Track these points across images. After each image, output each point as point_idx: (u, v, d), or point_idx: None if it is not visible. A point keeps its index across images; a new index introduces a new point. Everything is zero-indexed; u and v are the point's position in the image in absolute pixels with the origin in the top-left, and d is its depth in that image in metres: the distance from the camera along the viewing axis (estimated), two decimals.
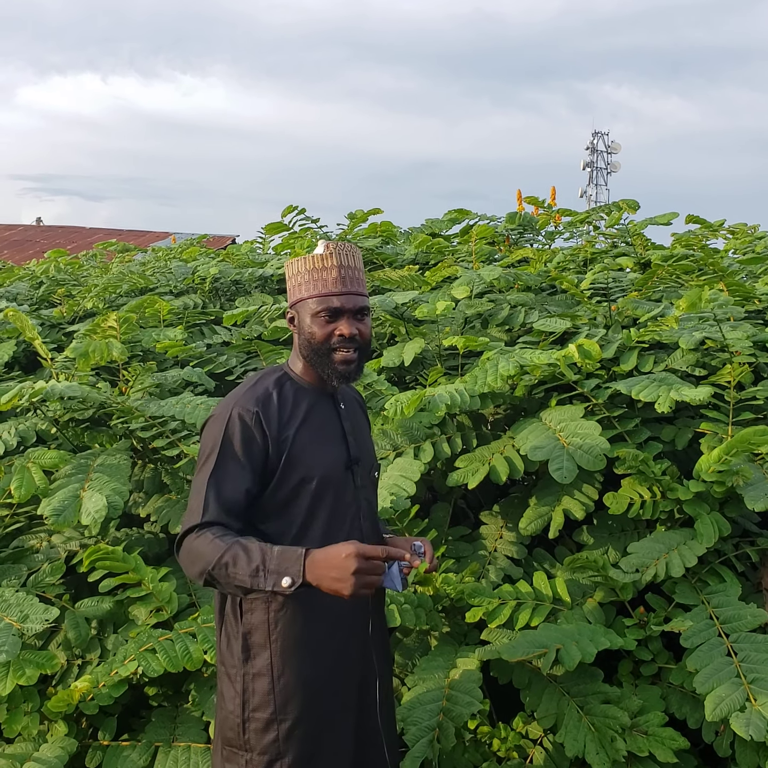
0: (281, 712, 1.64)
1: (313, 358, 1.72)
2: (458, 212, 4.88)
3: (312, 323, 1.70)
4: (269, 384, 1.72)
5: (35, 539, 2.72)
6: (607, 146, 30.93)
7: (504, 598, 2.36)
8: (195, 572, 1.55)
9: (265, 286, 4.19)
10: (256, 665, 1.65)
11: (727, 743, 2.12)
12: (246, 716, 1.65)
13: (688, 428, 2.69)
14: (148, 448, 2.92)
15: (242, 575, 1.48)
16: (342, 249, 1.72)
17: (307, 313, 1.71)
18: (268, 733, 1.64)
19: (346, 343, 1.69)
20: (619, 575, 2.33)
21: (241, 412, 1.65)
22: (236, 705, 1.66)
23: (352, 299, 1.70)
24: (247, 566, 1.48)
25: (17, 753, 2.13)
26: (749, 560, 2.51)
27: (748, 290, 3.16)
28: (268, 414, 1.66)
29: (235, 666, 1.67)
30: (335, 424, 1.78)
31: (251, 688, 1.65)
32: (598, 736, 2.09)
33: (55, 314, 4.00)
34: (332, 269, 1.70)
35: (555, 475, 2.38)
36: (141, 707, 2.39)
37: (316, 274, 1.70)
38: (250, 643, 1.66)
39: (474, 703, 2.15)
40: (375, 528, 1.86)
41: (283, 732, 1.64)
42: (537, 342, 3.10)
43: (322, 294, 1.69)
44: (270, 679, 1.64)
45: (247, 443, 1.64)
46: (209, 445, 1.66)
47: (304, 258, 1.72)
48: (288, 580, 1.45)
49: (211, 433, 1.67)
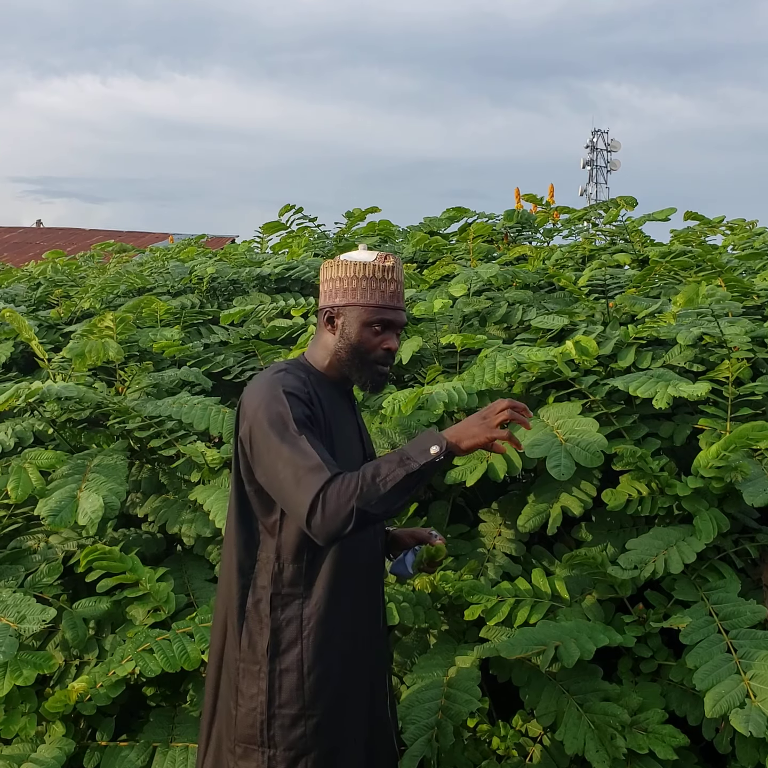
0: (310, 707, 1.64)
1: (354, 362, 1.72)
2: (456, 210, 4.88)
3: (362, 331, 1.71)
4: (299, 372, 1.71)
5: (32, 540, 2.71)
6: (607, 144, 30.93)
7: (503, 596, 2.35)
8: (345, 514, 1.48)
9: (262, 286, 4.18)
10: (284, 661, 1.64)
11: (727, 740, 2.12)
12: (272, 713, 1.64)
13: (687, 424, 2.69)
14: (145, 448, 2.92)
15: (392, 472, 1.49)
16: (399, 264, 1.75)
17: (358, 320, 1.71)
18: (296, 728, 1.63)
19: (389, 357, 1.74)
20: (617, 572, 2.32)
21: (292, 391, 1.63)
22: (260, 702, 1.64)
23: (401, 315, 1.75)
24: (390, 464, 1.51)
25: (15, 754, 2.12)
26: (749, 556, 2.50)
27: (746, 286, 3.16)
28: (312, 397, 1.67)
29: (258, 662, 1.65)
30: (353, 420, 1.83)
31: (278, 684, 1.64)
32: (597, 733, 2.08)
33: (53, 315, 3.99)
34: (392, 282, 1.72)
35: (553, 473, 2.38)
36: (139, 707, 2.39)
37: (375, 284, 1.71)
38: (280, 638, 1.65)
39: (473, 702, 2.15)
40: (383, 524, 1.89)
41: (311, 727, 1.64)
42: (535, 339, 3.09)
43: (380, 305, 1.71)
44: (299, 675, 1.64)
45: (309, 418, 1.62)
46: (278, 421, 1.59)
47: (362, 264, 1.71)
48: (436, 448, 1.51)
49: (275, 411, 1.60)
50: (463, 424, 1.57)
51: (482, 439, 1.54)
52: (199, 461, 2.70)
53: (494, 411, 1.56)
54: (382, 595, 1.86)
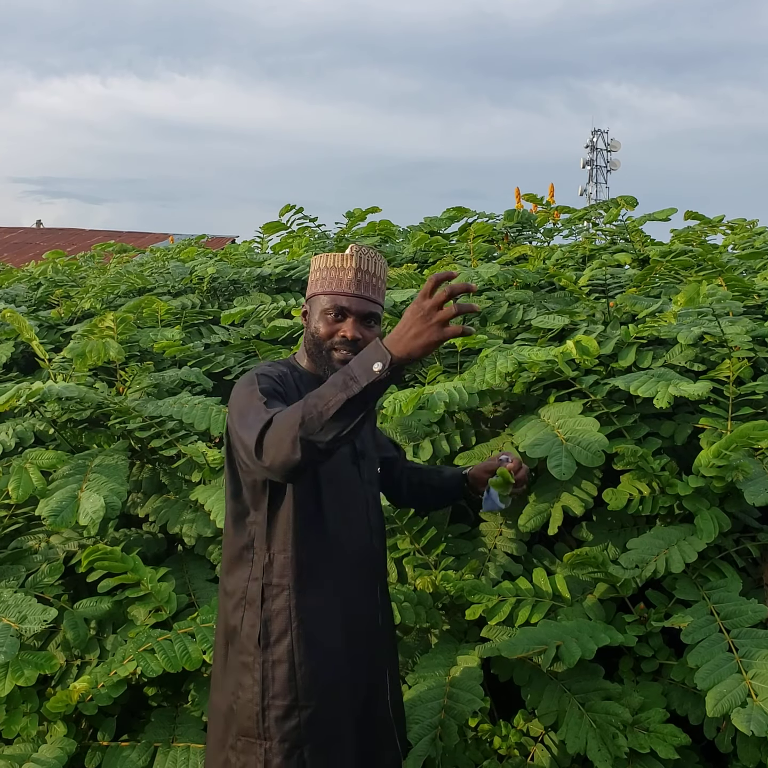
0: (303, 698, 1.64)
1: (314, 353, 1.75)
2: (457, 210, 4.88)
3: (319, 319, 1.73)
4: (281, 368, 1.75)
5: (34, 540, 2.71)
6: (607, 144, 30.94)
7: (504, 595, 2.35)
8: (288, 442, 1.45)
9: (263, 286, 4.18)
10: (276, 652, 1.65)
11: (729, 739, 2.11)
12: (266, 704, 1.64)
13: (688, 424, 2.68)
14: (146, 448, 2.92)
15: (334, 397, 1.41)
16: (365, 253, 1.74)
17: (317, 309, 1.74)
18: (289, 720, 1.63)
19: (346, 345, 1.70)
20: (618, 571, 2.32)
21: (266, 373, 1.68)
22: (255, 693, 1.65)
23: (362, 303, 1.72)
24: (333, 387, 1.42)
25: (16, 754, 2.12)
26: (750, 556, 2.50)
27: (747, 285, 3.15)
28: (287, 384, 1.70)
29: (252, 653, 1.66)
30: None
31: (271, 675, 1.65)
32: (599, 732, 2.08)
33: (53, 315, 3.99)
34: (349, 270, 1.71)
35: (554, 472, 2.38)
36: (140, 708, 2.39)
37: (334, 273, 1.72)
38: (270, 630, 1.66)
39: (475, 701, 2.15)
40: (381, 520, 1.88)
41: (304, 719, 1.64)
42: (535, 339, 3.09)
43: (334, 292, 1.71)
44: (290, 666, 1.64)
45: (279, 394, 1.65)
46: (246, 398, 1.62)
47: (327, 255, 1.75)
48: (378, 365, 1.39)
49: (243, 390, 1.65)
50: (403, 328, 1.39)
51: (431, 344, 1.38)
52: (199, 461, 2.70)
53: (430, 303, 1.36)
54: (382, 595, 1.85)
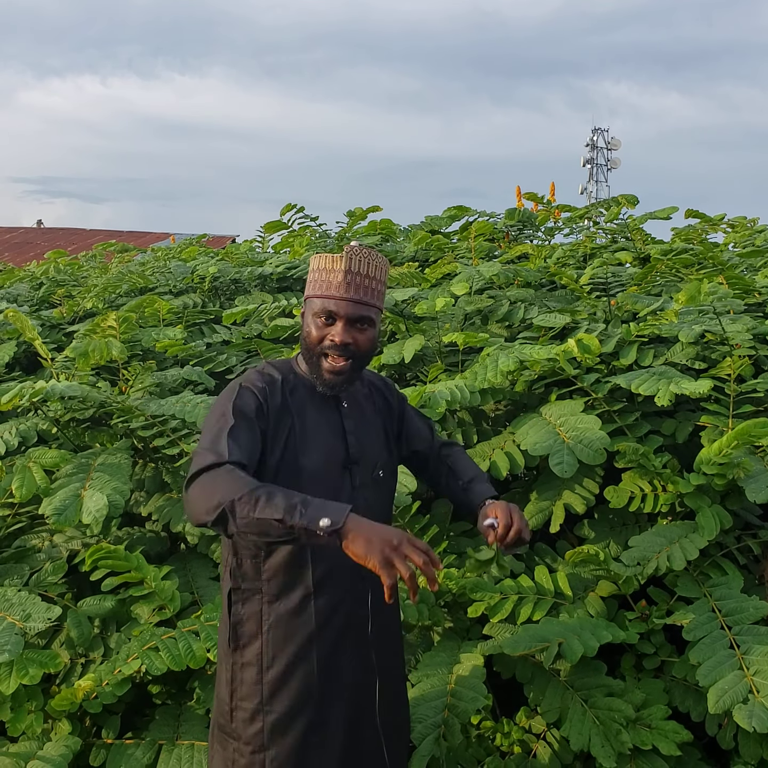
0: (267, 703, 1.63)
1: (306, 356, 1.72)
2: (458, 209, 4.89)
3: (310, 322, 1.69)
4: (274, 371, 1.73)
5: (37, 539, 2.72)
6: (607, 143, 30.91)
7: (506, 593, 2.35)
8: (212, 503, 1.43)
9: (264, 285, 4.19)
10: (245, 655, 1.65)
11: (731, 735, 2.12)
12: (234, 704, 1.65)
13: (689, 421, 2.69)
14: (148, 447, 2.92)
15: (275, 509, 1.38)
16: (356, 254, 1.67)
17: (309, 312, 1.70)
18: (254, 723, 1.63)
19: (336, 350, 1.66)
20: (620, 569, 2.33)
21: (249, 385, 1.66)
22: (226, 693, 1.67)
23: (352, 307, 1.66)
24: (284, 501, 1.38)
25: (21, 752, 2.13)
26: (751, 553, 2.51)
27: (747, 283, 3.16)
28: (272, 393, 1.66)
29: (226, 654, 1.68)
30: (334, 423, 1.74)
31: (239, 677, 1.65)
32: (603, 729, 2.08)
33: (55, 315, 4.00)
34: (339, 272, 1.66)
35: (556, 470, 2.38)
36: (144, 705, 2.39)
37: (324, 275, 1.68)
38: (240, 633, 1.66)
39: (479, 699, 2.15)
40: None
41: (269, 724, 1.63)
42: (537, 337, 3.10)
43: (324, 296, 1.67)
44: (258, 670, 1.64)
45: (257, 411, 1.62)
46: (219, 411, 1.62)
47: (322, 256, 1.71)
48: (326, 521, 1.35)
49: (221, 401, 1.65)
50: (374, 533, 1.36)
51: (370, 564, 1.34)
52: None
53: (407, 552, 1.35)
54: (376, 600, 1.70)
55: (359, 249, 1.68)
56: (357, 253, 1.67)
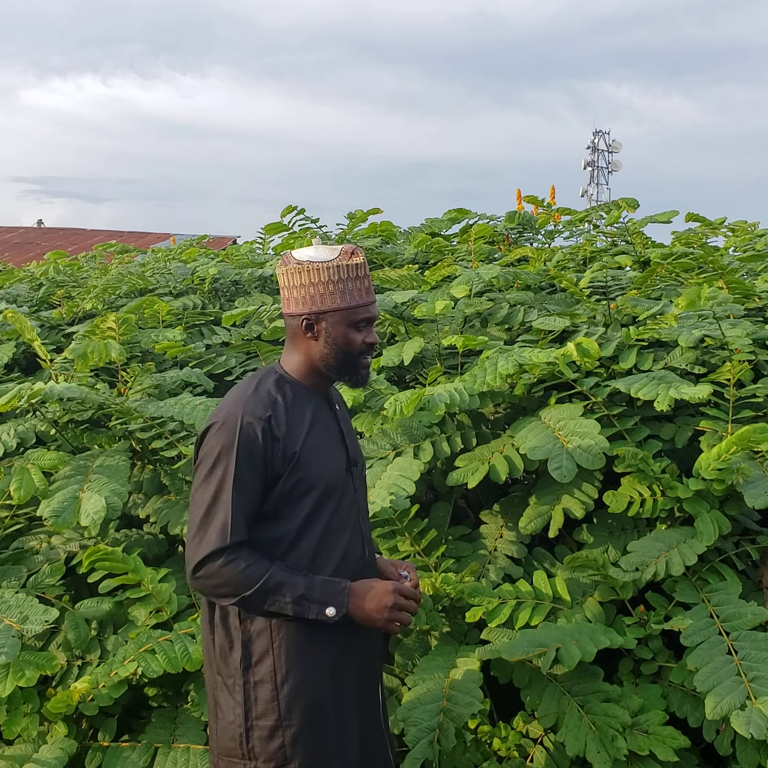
0: (286, 718, 1.63)
1: (344, 364, 1.72)
2: (458, 212, 4.88)
3: (348, 332, 1.70)
4: (270, 387, 1.69)
5: (35, 540, 2.72)
6: (608, 145, 30.90)
7: (504, 598, 2.35)
8: (221, 593, 1.60)
9: (264, 286, 4.18)
10: (258, 672, 1.64)
11: (728, 741, 2.11)
12: (249, 725, 1.64)
13: (688, 426, 2.69)
14: (147, 449, 2.92)
15: (284, 604, 1.59)
16: (363, 254, 1.72)
17: (342, 323, 1.69)
18: (274, 740, 1.63)
19: (372, 349, 1.76)
20: (619, 574, 2.32)
21: (252, 420, 1.61)
22: (237, 715, 1.65)
23: (375, 308, 1.77)
24: (291, 595, 1.59)
25: (17, 754, 2.13)
26: (750, 558, 2.50)
27: (747, 288, 3.16)
28: (278, 418, 1.64)
29: (232, 676, 1.66)
30: (335, 427, 1.78)
31: (253, 696, 1.64)
32: (598, 735, 2.08)
33: (55, 316, 3.99)
34: (365, 279, 1.71)
35: (555, 474, 2.38)
36: (141, 708, 2.39)
37: (351, 284, 1.68)
38: (251, 650, 1.65)
39: (474, 703, 2.15)
40: (369, 528, 1.87)
41: (289, 738, 1.63)
42: (536, 341, 3.10)
43: (360, 304, 1.70)
44: (273, 686, 1.64)
45: (264, 453, 1.61)
46: (219, 453, 1.60)
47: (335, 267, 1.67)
48: (332, 610, 1.60)
49: (221, 441, 1.61)
50: (372, 603, 1.64)
51: (375, 627, 1.67)
52: None
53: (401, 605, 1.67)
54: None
55: (361, 250, 1.73)
56: (362, 254, 1.72)
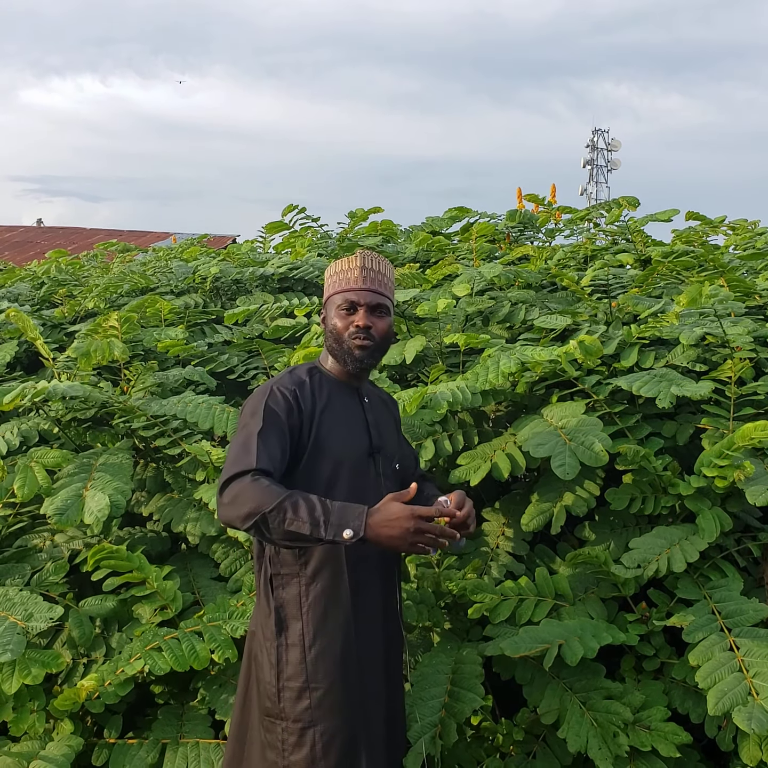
0: (312, 680, 1.74)
1: (335, 348, 1.89)
2: (459, 210, 4.89)
3: (335, 316, 1.88)
4: (302, 373, 1.89)
5: (38, 538, 2.73)
6: (608, 144, 30.89)
7: (506, 595, 2.36)
8: (243, 513, 1.60)
9: (266, 285, 4.19)
10: (289, 636, 1.76)
11: (730, 737, 2.12)
12: (281, 685, 1.75)
13: (689, 424, 2.70)
14: (150, 447, 2.93)
15: (301, 522, 1.56)
16: (368, 255, 1.92)
17: (332, 308, 1.90)
18: (302, 701, 1.74)
19: (361, 332, 1.85)
20: (620, 571, 2.33)
21: (280, 387, 1.82)
22: (272, 675, 1.76)
23: (369, 295, 1.87)
24: (309, 515, 1.57)
25: (24, 751, 2.13)
26: (751, 555, 2.51)
27: (748, 286, 3.17)
28: (303, 394, 1.83)
29: (269, 638, 1.78)
30: (359, 414, 1.93)
31: (285, 658, 1.76)
32: (600, 731, 2.09)
33: (57, 314, 4.00)
34: (355, 269, 1.89)
35: (557, 472, 2.38)
36: (146, 705, 2.40)
37: (342, 274, 1.90)
38: (282, 616, 1.77)
39: (476, 700, 2.16)
40: None
41: (315, 700, 1.74)
42: (538, 339, 3.10)
43: (344, 290, 1.88)
44: (302, 649, 1.75)
45: (287, 411, 1.78)
46: (250, 412, 1.78)
47: (334, 262, 1.94)
48: (349, 532, 1.56)
49: (252, 403, 1.80)
50: (389, 523, 1.56)
51: (398, 549, 1.60)
52: (203, 460, 2.72)
53: (422, 528, 1.56)
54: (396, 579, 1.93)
55: (371, 253, 1.94)
56: (369, 255, 1.92)
